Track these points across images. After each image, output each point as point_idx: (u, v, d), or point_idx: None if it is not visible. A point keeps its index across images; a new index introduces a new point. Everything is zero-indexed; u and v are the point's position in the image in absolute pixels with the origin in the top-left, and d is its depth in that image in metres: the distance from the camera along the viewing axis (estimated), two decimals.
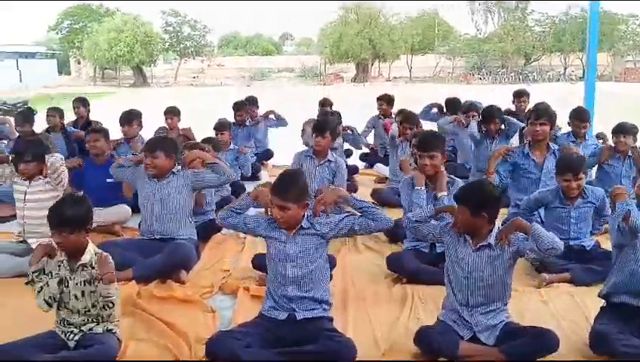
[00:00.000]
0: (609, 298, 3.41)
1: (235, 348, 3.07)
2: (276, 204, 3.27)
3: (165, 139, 5.14)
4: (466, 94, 26.78)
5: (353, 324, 3.71)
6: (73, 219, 3.19)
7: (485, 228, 3.27)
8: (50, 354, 3.15)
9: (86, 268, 3.26)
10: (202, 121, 8.75)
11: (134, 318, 3.84)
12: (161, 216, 4.75)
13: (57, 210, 3.21)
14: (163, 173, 4.78)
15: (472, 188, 3.39)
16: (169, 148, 4.80)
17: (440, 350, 3.15)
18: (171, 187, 4.77)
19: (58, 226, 3.18)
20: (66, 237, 3.18)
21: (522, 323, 3.43)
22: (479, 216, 3.21)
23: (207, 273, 4.67)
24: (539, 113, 5.53)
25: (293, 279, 3.32)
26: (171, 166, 4.80)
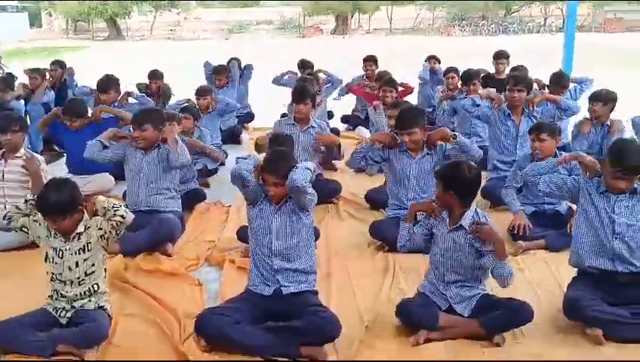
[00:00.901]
0: (579, 265, 3.56)
1: (224, 325, 3.18)
2: (271, 182, 3.33)
3: (152, 111, 5.12)
4: (446, 46, 26.73)
5: (337, 296, 3.83)
6: (64, 204, 3.22)
7: (457, 209, 3.37)
8: (42, 332, 3.23)
9: (81, 236, 3.33)
10: (181, 76, 8.64)
11: (123, 293, 3.93)
12: (147, 188, 4.79)
13: (46, 200, 3.22)
14: (151, 145, 4.80)
15: (449, 165, 3.49)
16: (156, 120, 4.82)
17: (420, 322, 3.28)
18: (157, 160, 4.80)
19: (51, 214, 3.22)
20: (61, 223, 3.23)
21: (498, 291, 3.57)
22: (448, 193, 3.33)
23: (192, 245, 4.75)
24: (517, 80, 5.73)
25: (278, 251, 3.40)
26: (158, 137, 4.82)
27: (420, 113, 4.84)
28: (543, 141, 4.64)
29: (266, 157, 3.51)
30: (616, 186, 3.41)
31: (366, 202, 5.59)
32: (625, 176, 3.37)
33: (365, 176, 6.60)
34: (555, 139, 4.72)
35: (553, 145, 4.69)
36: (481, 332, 3.27)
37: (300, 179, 3.23)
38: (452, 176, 3.35)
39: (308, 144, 5.76)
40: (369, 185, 6.08)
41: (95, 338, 3.24)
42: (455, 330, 3.30)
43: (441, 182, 3.37)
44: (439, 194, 3.39)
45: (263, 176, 3.39)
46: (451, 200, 3.35)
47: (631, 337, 3.21)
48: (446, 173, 3.39)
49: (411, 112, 4.81)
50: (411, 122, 4.59)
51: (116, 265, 4.18)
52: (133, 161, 4.86)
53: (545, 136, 4.63)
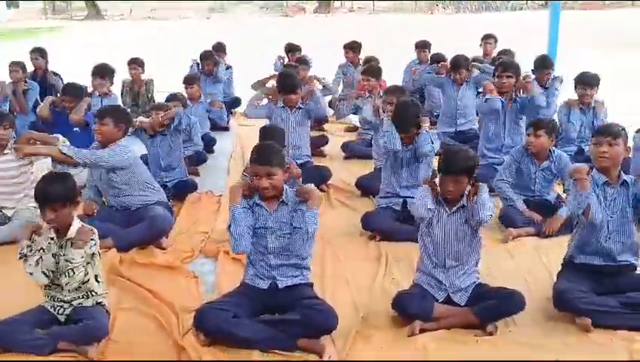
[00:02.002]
0: (571, 260, 3.64)
1: (223, 320, 3.21)
2: (263, 173, 3.33)
3: (117, 108, 5.06)
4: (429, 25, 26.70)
5: (332, 287, 3.88)
6: (63, 194, 3.23)
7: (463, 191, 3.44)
8: (41, 330, 3.25)
9: (73, 244, 3.31)
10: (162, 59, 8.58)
11: (119, 287, 3.94)
12: (119, 188, 4.71)
13: (46, 187, 3.23)
14: (110, 142, 4.66)
15: (461, 157, 3.43)
16: (119, 118, 4.69)
17: (416, 314, 3.34)
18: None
19: (49, 203, 3.21)
20: (58, 213, 3.23)
21: (490, 280, 3.66)
22: (467, 182, 3.40)
23: (186, 236, 4.76)
24: (505, 66, 5.79)
25: (274, 249, 3.43)
26: (119, 136, 4.67)
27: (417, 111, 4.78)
28: (538, 137, 4.70)
29: (255, 149, 3.49)
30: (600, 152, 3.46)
31: (357, 189, 5.63)
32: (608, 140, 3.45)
33: (354, 162, 6.68)
34: (552, 138, 4.78)
35: (548, 143, 4.76)
36: (475, 321, 3.34)
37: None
38: (473, 165, 3.40)
39: (298, 123, 5.90)
40: (358, 171, 6.14)
41: (95, 335, 3.25)
42: (450, 320, 3.37)
43: (465, 175, 3.37)
44: (463, 187, 3.40)
45: (253, 169, 3.39)
46: (465, 186, 3.41)
47: (619, 325, 3.30)
48: (468, 165, 3.38)
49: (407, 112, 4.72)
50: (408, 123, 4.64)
51: (111, 259, 4.20)
52: (97, 174, 4.75)
53: (541, 132, 4.69)
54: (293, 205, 3.41)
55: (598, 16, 31.61)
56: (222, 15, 42.70)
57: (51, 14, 45.35)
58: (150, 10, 45.89)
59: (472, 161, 3.44)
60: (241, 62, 9.84)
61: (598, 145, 3.46)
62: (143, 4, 46.08)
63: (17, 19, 40.30)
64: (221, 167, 6.72)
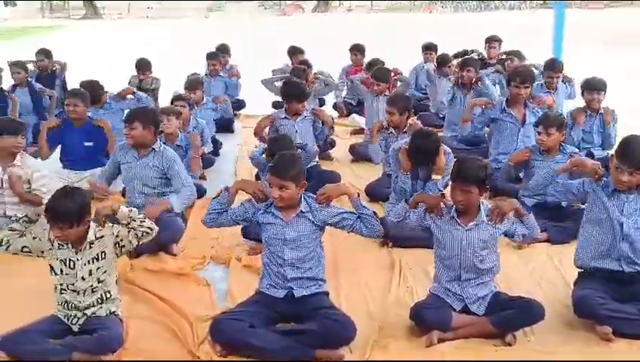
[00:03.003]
0: (584, 266, 3.62)
1: (239, 331, 3.18)
2: (276, 184, 3.31)
3: (144, 110, 5.02)
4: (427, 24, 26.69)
5: (346, 297, 3.84)
6: (73, 213, 3.17)
7: (475, 206, 3.40)
8: (55, 340, 3.22)
9: (92, 244, 3.29)
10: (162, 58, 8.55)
11: (131, 295, 3.90)
12: (144, 192, 4.72)
13: (57, 205, 3.17)
14: (143, 145, 4.70)
15: (473, 166, 3.38)
16: (148, 120, 4.70)
17: (434, 324, 3.31)
18: (152, 164, 4.70)
19: (58, 221, 3.16)
20: (67, 232, 3.18)
21: (504, 287, 3.63)
22: (480, 194, 3.37)
23: (196, 242, 4.72)
24: (523, 77, 5.73)
25: (291, 261, 3.40)
26: (151, 139, 4.71)
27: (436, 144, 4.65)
28: (550, 135, 4.68)
29: (276, 158, 3.50)
30: (620, 180, 3.42)
31: (366, 195, 5.59)
32: (630, 170, 3.39)
33: (362, 165, 6.65)
34: (562, 133, 4.75)
35: (559, 139, 4.73)
36: (494, 331, 3.32)
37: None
38: (485, 176, 3.36)
39: (304, 131, 5.81)
40: (366, 174, 6.11)
41: (110, 346, 3.22)
42: (468, 330, 3.35)
43: (475, 186, 3.32)
44: (474, 198, 3.36)
45: (268, 178, 3.38)
46: (478, 199, 3.39)
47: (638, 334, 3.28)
48: (479, 176, 3.33)
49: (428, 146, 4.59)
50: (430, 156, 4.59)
51: (121, 267, 4.13)
52: (127, 163, 4.77)
53: (552, 130, 4.67)
54: (319, 215, 3.39)
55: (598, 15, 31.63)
56: (220, 14, 42.60)
57: (49, 13, 45.18)
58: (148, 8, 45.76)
59: (482, 171, 3.37)
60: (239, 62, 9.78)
61: (620, 173, 3.43)
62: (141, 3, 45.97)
63: (14, 17, 40.15)
64: (228, 170, 6.68)
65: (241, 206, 3.52)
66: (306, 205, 3.41)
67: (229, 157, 7.11)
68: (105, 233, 3.30)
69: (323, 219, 3.43)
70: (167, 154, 4.71)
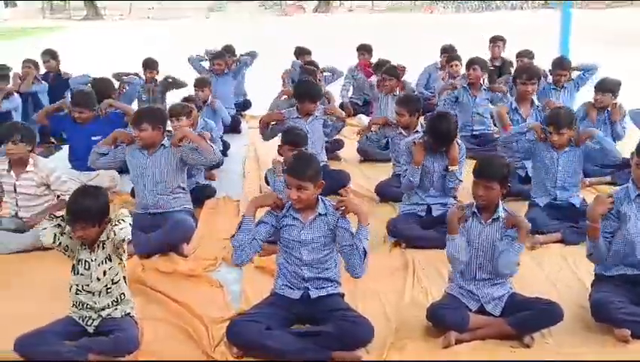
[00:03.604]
0: (604, 272, 3.58)
1: (256, 333, 3.16)
2: (294, 185, 3.28)
3: (151, 110, 4.95)
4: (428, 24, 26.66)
5: (362, 297, 3.82)
6: (94, 213, 3.16)
7: (496, 201, 3.42)
8: (70, 341, 3.20)
9: (105, 245, 3.28)
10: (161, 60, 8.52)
11: (144, 296, 3.89)
12: (153, 189, 4.71)
13: (78, 205, 3.15)
14: (154, 145, 4.70)
15: (496, 164, 3.45)
16: (156, 120, 4.68)
17: (452, 325, 3.30)
18: (162, 160, 4.69)
19: (79, 221, 3.14)
20: (88, 231, 3.17)
21: (519, 288, 3.59)
22: (500, 191, 3.38)
23: (208, 243, 4.70)
24: (530, 74, 5.74)
25: (309, 262, 3.38)
26: (160, 138, 4.70)
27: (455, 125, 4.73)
28: (562, 135, 4.66)
29: (292, 159, 3.48)
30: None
31: (376, 195, 5.58)
32: None
33: (370, 165, 6.64)
34: (572, 129, 4.73)
35: (570, 135, 4.72)
36: (511, 332, 3.30)
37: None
38: (506, 173, 3.40)
39: (314, 131, 5.74)
40: (375, 175, 6.09)
41: (127, 347, 3.21)
42: (485, 331, 3.33)
43: (497, 182, 3.36)
44: (495, 194, 3.38)
45: (286, 179, 3.36)
46: (499, 196, 3.39)
47: None
48: (501, 173, 3.39)
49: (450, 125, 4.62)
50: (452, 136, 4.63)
51: (133, 268, 4.12)
52: (136, 161, 4.74)
53: (564, 130, 4.65)
54: (334, 219, 3.36)
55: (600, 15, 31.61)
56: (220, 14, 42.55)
57: (49, 14, 45.12)
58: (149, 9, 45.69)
59: (505, 168, 3.46)
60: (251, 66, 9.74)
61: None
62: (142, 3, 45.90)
63: (14, 18, 40.10)
64: (236, 171, 6.66)
65: (261, 225, 3.41)
66: (324, 207, 3.39)
67: (237, 158, 7.09)
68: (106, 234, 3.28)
69: (332, 224, 3.37)
70: (181, 148, 4.70)
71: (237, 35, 18.37)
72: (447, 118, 4.66)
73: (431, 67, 8.91)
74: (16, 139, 4.58)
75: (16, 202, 4.73)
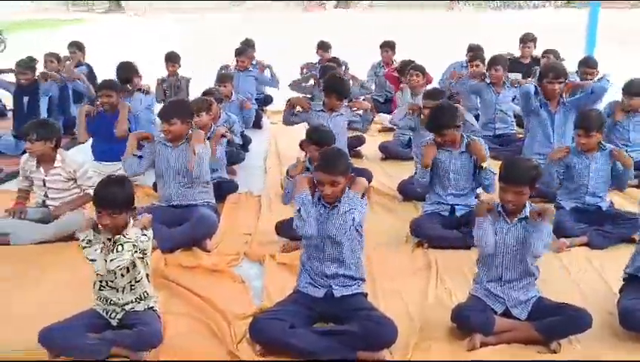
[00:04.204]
0: (634, 276, 3.52)
1: (279, 330, 3.14)
2: (327, 181, 3.25)
3: (180, 104, 4.96)
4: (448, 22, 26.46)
5: (384, 297, 3.79)
6: (122, 200, 3.17)
7: (525, 203, 3.36)
8: (94, 334, 3.20)
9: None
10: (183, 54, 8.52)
11: (166, 291, 3.88)
12: (178, 182, 4.72)
13: (106, 192, 3.17)
14: (179, 139, 4.71)
15: (527, 167, 3.38)
16: (185, 114, 4.72)
17: (477, 327, 3.25)
18: (187, 153, 4.69)
19: (107, 208, 3.15)
20: (115, 218, 3.17)
21: (545, 292, 3.53)
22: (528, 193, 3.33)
23: (230, 238, 4.69)
24: (557, 73, 5.63)
25: (332, 256, 3.35)
26: (186, 131, 4.72)
27: (453, 113, 4.63)
28: (591, 138, 4.58)
29: (321, 155, 3.45)
30: None
31: (399, 194, 5.53)
32: None
33: (392, 163, 6.59)
34: (601, 132, 4.65)
35: (599, 139, 4.63)
36: (538, 337, 3.24)
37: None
38: (535, 176, 3.36)
39: (337, 127, 5.59)
40: (397, 173, 6.04)
41: (150, 341, 3.20)
42: (510, 335, 3.28)
43: (527, 186, 3.30)
44: (524, 198, 3.32)
45: (317, 176, 3.33)
46: (527, 198, 3.34)
47: None
48: (531, 176, 3.32)
49: (444, 114, 4.63)
50: (444, 124, 4.56)
51: (156, 262, 4.11)
52: (162, 157, 4.75)
53: (593, 132, 4.57)
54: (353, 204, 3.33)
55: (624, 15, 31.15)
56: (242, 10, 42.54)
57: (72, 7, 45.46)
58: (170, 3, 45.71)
59: (534, 171, 3.39)
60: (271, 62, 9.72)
61: None
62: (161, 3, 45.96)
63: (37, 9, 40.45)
64: (257, 166, 6.65)
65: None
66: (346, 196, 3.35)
67: (258, 153, 7.08)
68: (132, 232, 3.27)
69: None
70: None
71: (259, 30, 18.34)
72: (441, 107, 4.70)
73: (456, 65, 8.81)
74: (32, 138, 4.60)
75: (46, 193, 4.77)
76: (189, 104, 5.03)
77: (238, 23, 25.36)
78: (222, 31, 21.30)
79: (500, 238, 3.37)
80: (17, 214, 4.69)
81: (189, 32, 24.03)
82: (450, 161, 4.64)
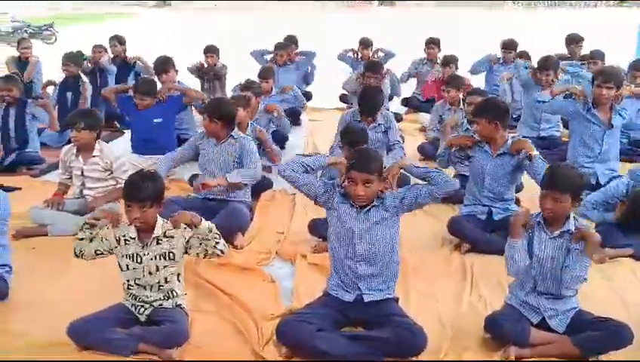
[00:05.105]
0: None
1: (306, 333, 3.08)
2: (360, 180, 3.19)
3: (225, 106, 4.91)
4: (498, 22, 25.96)
5: (417, 301, 3.70)
6: (152, 194, 3.17)
7: (566, 214, 3.20)
8: (123, 329, 3.20)
9: (160, 241, 3.26)
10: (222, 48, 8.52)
11: (196, 288, 3.87)
12: (217, 177, 4.72)
13: (136, 186, 3.16)
14: (217, 138, 4.77)
15: (564, 173, 3.21)
16: (227, 117, 4.77)
17: (511, 338, 3.13)
18: (230, 151, 4.76)
19: (137, 201, 3.15)
20: (145, 212, 3.17)
21: (585, 304, 3.36)
22: (572, 202, 3.16)
23: (262, 236, 4.67)
24: (606, 77, 5.35)
25: (364, 256, 3.27)
26: (228, 132, 4.78)
27: (496, 106, 4.51)
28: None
29: (356, 153, 3.37)
30: None
31: None
32: None
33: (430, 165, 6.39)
34: None
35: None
36: (575, 352, 3.09)
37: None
38: (580, 185, 3.20)
39: (376, 141, 5.42)
40: None
41: (177, 339, 3.18)
42: (547, 348, 3.14)
43: (569, 195, 3.14)
44: (565, 208, 3.15)
45: (349, 175, 3.25)
46: (569, 209, 3.18)
47: None
48: (575, 184, 3.16)
49: (487, 102, 4.57)
50: (482, 111, 4.45)
51: (187, 257, 4.10)
52: (205, 151, 4.86)
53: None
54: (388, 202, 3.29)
55: None
56: (283, 6, 42.61)
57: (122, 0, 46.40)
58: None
59: (579, 180, 3.21)
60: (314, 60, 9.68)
61: None
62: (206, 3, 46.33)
63: (89, 4, 41.34)
64: None
65: (321, 181, 3.47)
66: (377, 199, 3.29)
67: (295, 150, 7.00)
68: (175, 234, 3.26)
69: (391, 203, 3.29)
70: (243, 143, 4.77)
71: (300, 27, 18.32)
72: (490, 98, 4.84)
73: (492, 57, 8.58)
74: (79, 127, 4.69)
75: (83, 183, 4.85)
76: (230, 106, 4.97)
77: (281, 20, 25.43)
78: (262, 26, 21.42)
79: (539, 249, 3.23)
80: (55, 205, 4.76)
81: (240, 26, 24.21)
82: (487, 163, 4.51)
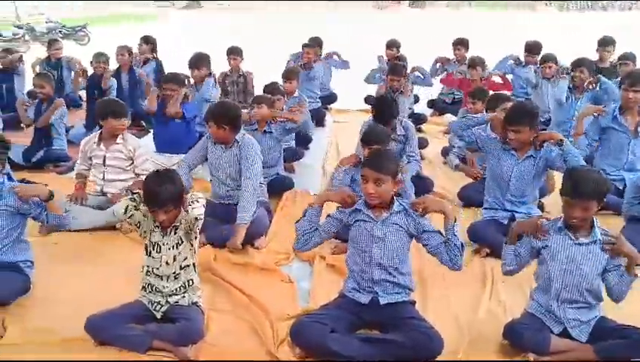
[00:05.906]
0: None
1: (320, 335, 3.05)
2: (371, 178, 3.16)
3: (229, 111, 4.69)
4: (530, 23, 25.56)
5: (433, 305, 3.65)
6: (174, 196, 3.16)
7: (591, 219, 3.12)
8: (139, 325, 3.23)
9: (177, 230, 3.28)
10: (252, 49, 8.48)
11: (213, 286, 3.89)
12: (228, 184, 4.70)
13: (157, 190, 3.12)
14: (225, 143, 4.67)
15: (589, 179, 3.09)
16: (234, 121, 4.61)
17: (530, 346, 3.07)
18: (234, 155, 4.65)
19: (161, 206, 3.14)
20: (170, 213, 3.17)
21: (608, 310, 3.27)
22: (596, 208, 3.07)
23: (282, 236, 4.63)
24: (634, 80, 5.19)
25: (380, 261, 3.24)
26: (234, 136, 4.64)
27: (533, 113, 4.43)
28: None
29: (371, 152, 3.41)
30: None
31: (459, 200, 5.33)
32: None
33: None
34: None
35: None
36: (596, 360, 3.01)
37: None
38: (605, 191, 3.09)
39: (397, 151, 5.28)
40: (457, 177, 5.82)
41: (192, 337, 3.20)
42: (567, 357, 3.06)
43: (596, 201, 3.05)
44: (591, 214, 3.09)
45: (363, 172, 3.22)
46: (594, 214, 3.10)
47: None
48: (601, 191, 3.06)
49: (524, 109, 4.43)
50: (521, 119, 4.31)
51: (206, 256, 4.13)
52: (213, 156, 4.74)
53: None
54: (411, 221, 3.24)
55: None
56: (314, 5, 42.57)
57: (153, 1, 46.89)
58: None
59: (604, 185, 3.11)
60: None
61: None
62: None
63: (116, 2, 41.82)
64: (316, 165, 6.56)
65: (329, 218, 3.37)
66: (399, 205, 3.25)
67: (318, 151, 7.00)
68: (182, 217, 3.25)
69: (411, 227, 3.24)
70: (246, 142, 4.62)
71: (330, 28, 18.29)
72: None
73: (514, 57, 8.40)
74: (122, 115, 4.85)
75: (104, 175, 4.89)
76: (237, 112, 4.75)
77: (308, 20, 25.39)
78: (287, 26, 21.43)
79: (561, 256, 3.15)
80: (78, 200, 4.82)
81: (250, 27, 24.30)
82: (513, 167, 4.43)
